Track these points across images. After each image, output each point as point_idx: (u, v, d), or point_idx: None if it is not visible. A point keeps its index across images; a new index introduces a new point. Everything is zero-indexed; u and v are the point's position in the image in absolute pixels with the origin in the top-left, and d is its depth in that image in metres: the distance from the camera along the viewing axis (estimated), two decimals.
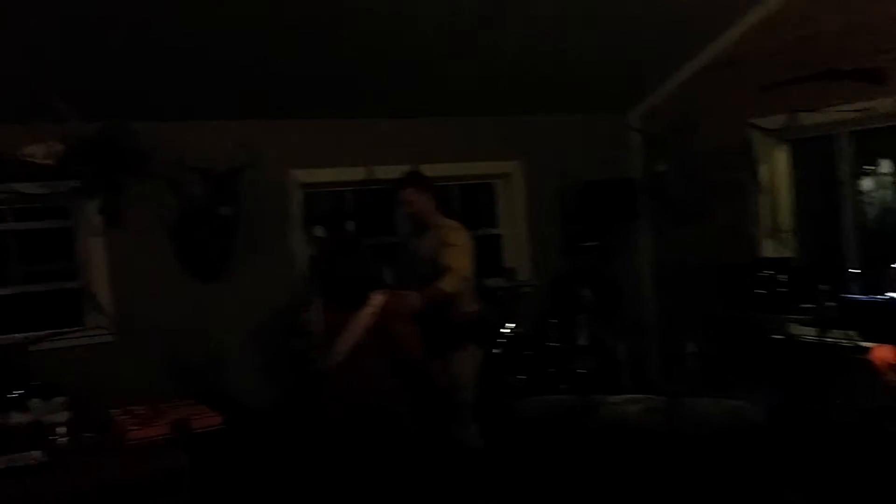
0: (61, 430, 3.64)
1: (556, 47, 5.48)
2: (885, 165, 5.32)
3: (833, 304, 4.70)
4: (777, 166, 5.91)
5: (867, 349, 4.16)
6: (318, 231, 5.44)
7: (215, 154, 5.22)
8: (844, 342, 4.44)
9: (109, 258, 5.22)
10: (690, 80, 6.23)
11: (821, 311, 4.72)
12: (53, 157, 4.76)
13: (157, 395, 4.20)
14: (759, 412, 3.30)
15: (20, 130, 4.67)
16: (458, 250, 4.70)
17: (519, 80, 5.80)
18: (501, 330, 5.46)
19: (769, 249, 5.85)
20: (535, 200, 6.50)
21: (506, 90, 5.90)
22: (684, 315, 6.11)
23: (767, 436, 3.31)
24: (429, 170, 5.29)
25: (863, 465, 3.87)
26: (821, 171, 5.69)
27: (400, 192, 4.98)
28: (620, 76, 6.10)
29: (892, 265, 4.53)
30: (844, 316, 4.57)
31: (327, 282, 3.91)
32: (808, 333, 4.77)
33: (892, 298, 4.43)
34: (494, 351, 5.34)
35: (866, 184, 5.43)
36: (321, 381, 3.81)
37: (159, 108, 4.99)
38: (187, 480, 3.32)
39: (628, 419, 3.21)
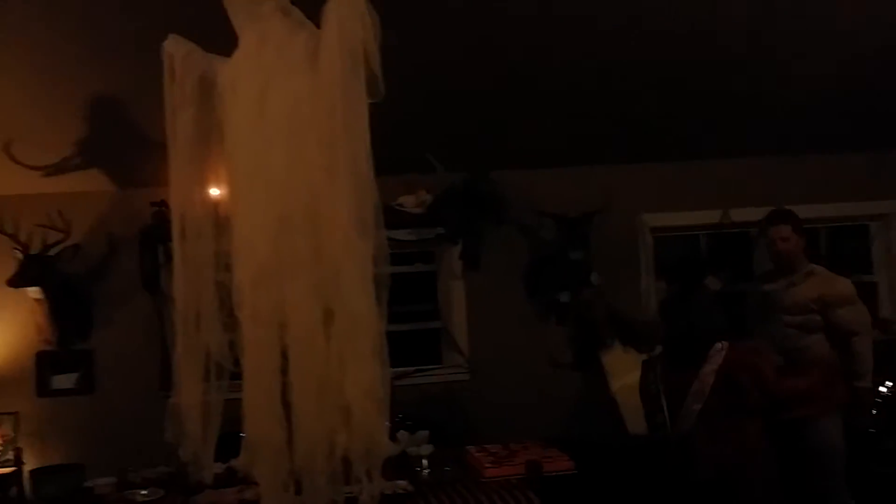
0: (425, 462, 3.81)
1: None
2: None
3: None
4: None
5: None
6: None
7: (568, 199, 5.29)
8: None
9: (467, 300, 5.50)
10: None
11: None
12: (422, 206, 5.15)
13: (508, 433, 4.28)
14: None
15: (396, 182, 5.08)
16: (859, 309, 4.21)
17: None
18: (879, 389, 4.86)
19: None
20: None
21: (881, 120, 5.33)
22: None
23: None
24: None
25: None
26: None
27: (768, 229, 4.45)
28: None
29: None
30: None
31: (670, 335, 3.74)
32: None
33: None
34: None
35: None
36: (673, 446, 3.63)
37: (517, 156, 5.19)
38: None
39: None
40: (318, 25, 2.66)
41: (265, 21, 2.70)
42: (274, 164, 2.64)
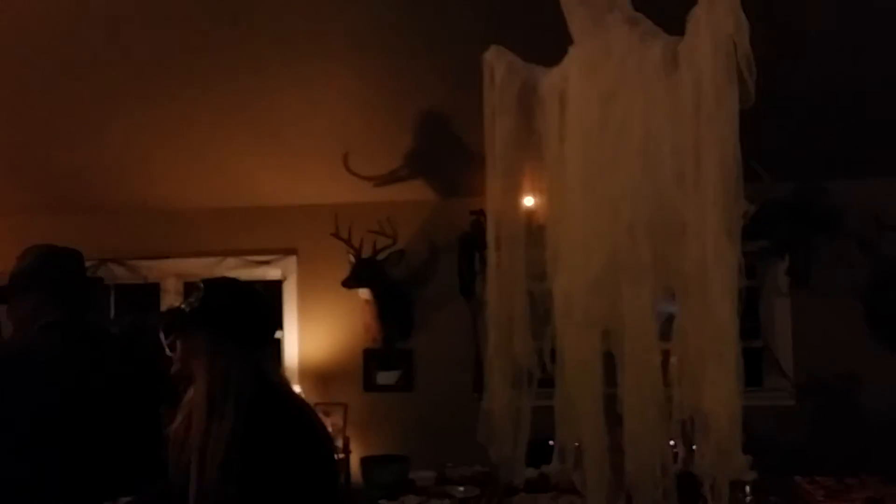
0: (747, 489, 3.59)
1: None
2: None
3: None
4: None
5: None
6: None
7: None
8: None
9: (793, 320, 5.10)
10: None
11: None
12: (745, 218, 4.83)
13: (837, 467, 3.96)
14: None
15: None
16: None
17: None
18: None
19: None
20: None
21: None
22: None
23: None
24: None
25: None
26: None
27: None
28: None
29: None
30: None
31: None
32: None
33: None
34: None
35: None
36: None
37: (855, 164, 4.72)
38: None
39: None
40: (674, 31, 2.63)
41: (610, 30, 2.70)
42: (618, 171, 2.64)
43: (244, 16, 4.11)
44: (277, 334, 5.59)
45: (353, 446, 5.27)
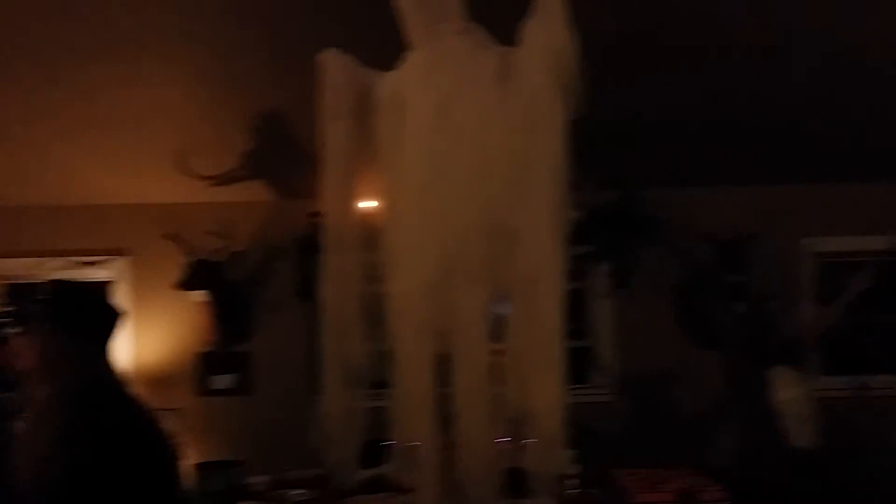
0: (573, 482, 3.74)
1: None
2: None
3: None
4: None
5: None
6: None
7: (724, 221, 5.12)
8: None
9: (615, 320, 5.39)
10: None
11: None
12: (571, 224, 5.08)
13: (651, 458, 4.18)
14: None
15: None
16: None
17: None
18: None
19: None
20: None
21: None
22: None
23: None
24: None
25: None
26: None
27: None
28: None
29: None
30: None
31: None
32: None
33: None
34: None
35: None
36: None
37: (670, 175, 5.04)
38: None
39: None
40: (506, 42, 2.70)
41: (442, 39, 2.76)
42: (453, 177, 2.69)
43: (66, 6, 3.93)
44: None
45: (186, 452, 5.12)
